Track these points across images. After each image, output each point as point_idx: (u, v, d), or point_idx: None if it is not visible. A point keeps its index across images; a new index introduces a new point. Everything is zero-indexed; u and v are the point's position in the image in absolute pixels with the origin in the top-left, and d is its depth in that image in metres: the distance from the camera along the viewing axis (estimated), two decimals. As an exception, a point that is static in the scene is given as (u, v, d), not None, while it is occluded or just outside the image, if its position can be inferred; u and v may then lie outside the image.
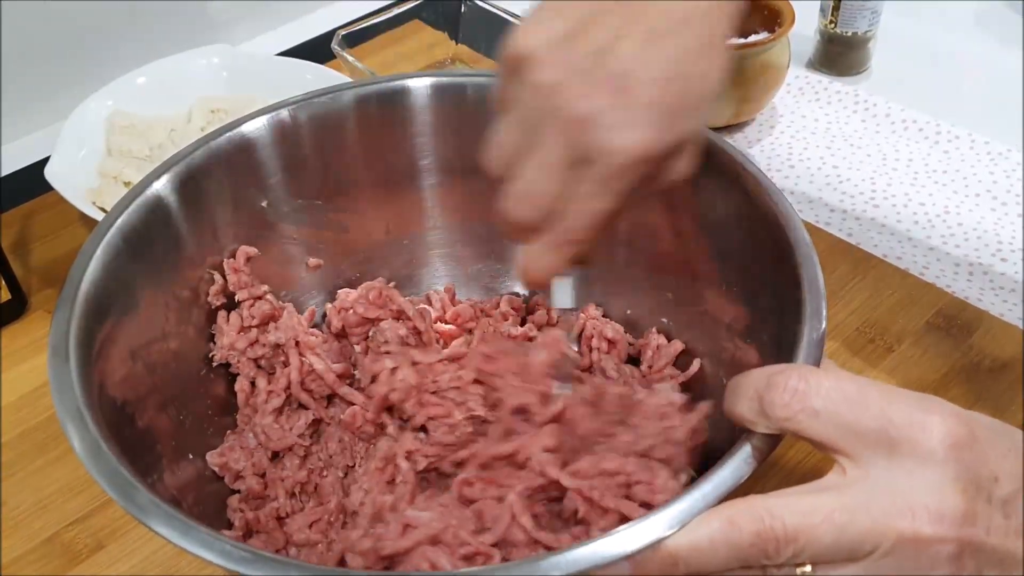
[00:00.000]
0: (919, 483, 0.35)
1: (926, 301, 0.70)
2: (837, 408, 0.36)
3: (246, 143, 0.57)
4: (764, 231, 0.49)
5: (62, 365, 0.43)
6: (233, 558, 0.37)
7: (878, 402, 0.36)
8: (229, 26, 1.02)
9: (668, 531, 0.36)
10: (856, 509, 0.35)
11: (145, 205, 0.52)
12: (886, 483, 0.36)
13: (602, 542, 0.36)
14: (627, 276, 0.61)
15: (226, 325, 0.56)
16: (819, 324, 0.44)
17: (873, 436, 0.36)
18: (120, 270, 0.49)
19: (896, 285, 0.72)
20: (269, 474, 0.55)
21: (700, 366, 0.57)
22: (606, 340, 0.60)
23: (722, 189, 0.53)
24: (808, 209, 0.80)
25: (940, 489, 0.35)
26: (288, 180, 0.59)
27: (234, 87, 0.86)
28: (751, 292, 0.52)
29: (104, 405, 0.44)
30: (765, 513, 0.36)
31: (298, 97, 0.58)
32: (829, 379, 0.37)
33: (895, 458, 0.36)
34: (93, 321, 0.46)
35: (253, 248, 0.58)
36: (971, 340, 0.67)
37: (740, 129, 0.88)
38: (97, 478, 0.39)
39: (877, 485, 0.36)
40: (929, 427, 0.36)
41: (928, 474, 0.35)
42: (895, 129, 0.88)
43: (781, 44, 0.84)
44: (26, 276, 0.75)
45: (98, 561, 0.57)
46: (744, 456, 0.38)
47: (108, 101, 0.82)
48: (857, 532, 0.35)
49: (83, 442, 0.40)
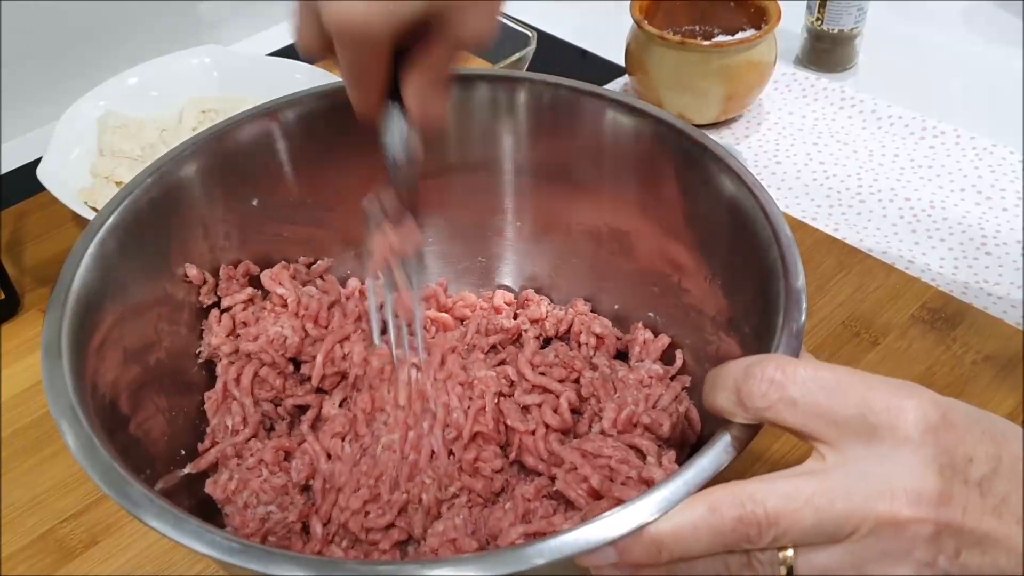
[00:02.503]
0: (896, 466, 0.36)
1: (911, 295, 0.71)
2: (815, 397, 0.37)
3: (236, 143, 0.57)
4: (746, 224, 0.50)
5: (55, 363, 0.43)
6: (224, 549, 0.37)
7: (855, 389, 0.37)
8: (220, 26, 1.02)
9: (651, 517, 0.37)
10: (835, 492, 0.36)
11: (135, 205, 0.52)
12: (864, 467, 0.36)
13: (585, 528, 0.37)
14: (614, 271, 0.61)
15: (217, 325, 0.57)
16: (798, 315, 0.44)
17: (851, 423, 0.37)
18: (111, 269, 0.49)
19: (881, 279, 0.72)
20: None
21: (684, 360, 0.58)
22: (594, 335, 0.61)
23: (705, 183, 0.53)
24: (795, 204, 0.81)
25: (917, 471, 0.36)
26: (279, 178, 0.59)
27: (225, 87, 0.87)
28: (734, 285, 0.53)
29: (97, 402, 0.45)
30: (747, 498, 0.36)
31: (287, 97, 0.58)
32: (806, 368, 0.38)
33: (873, 443, 0.36)
34: (85, 320, 0.47)
35: (257, 267, 0.59)
36: (955, 333, 0.68)
37: (727, 126, 0.89)
38: (91, 474, 0.40)
39: (856, 469, 0.36)
40: (905, 411, 0.36)
41: (905, 457, 0.36)
42: (881, 125, 0.89)
43: (767, 41, 0.85)
44: (19, 276, 0.75)
45: (92, 557, 0.57)
46: (724, 444, 0.39)
47: (100, 101, 0.83)
48: (837, 514, 0.36)
49: (76, 439, 0.41)
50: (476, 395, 0.55)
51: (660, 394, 0.55)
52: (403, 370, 0.56)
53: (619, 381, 0.56)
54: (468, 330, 0.61)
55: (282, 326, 0.56)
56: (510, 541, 0.48)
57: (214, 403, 0.55)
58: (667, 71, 0.84)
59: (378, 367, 0.56)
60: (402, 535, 0.52)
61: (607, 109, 0.57)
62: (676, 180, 0.56)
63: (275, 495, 0.51)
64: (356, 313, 0.59)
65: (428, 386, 0.56)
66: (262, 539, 0.50)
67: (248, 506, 0.50)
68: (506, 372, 0.57)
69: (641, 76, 0.87)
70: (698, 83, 0.84)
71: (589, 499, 0.49)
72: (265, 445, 0.53)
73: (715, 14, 0.90)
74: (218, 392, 0.56)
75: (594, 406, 0.56)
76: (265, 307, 0.58)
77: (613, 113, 0.57)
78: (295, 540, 0.51)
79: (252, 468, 0.52)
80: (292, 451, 0.54)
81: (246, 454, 0.53)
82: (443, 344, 0.58)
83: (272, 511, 0.50)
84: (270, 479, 0.51)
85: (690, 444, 0.55)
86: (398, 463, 0.53)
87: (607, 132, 0.58)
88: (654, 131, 0.56)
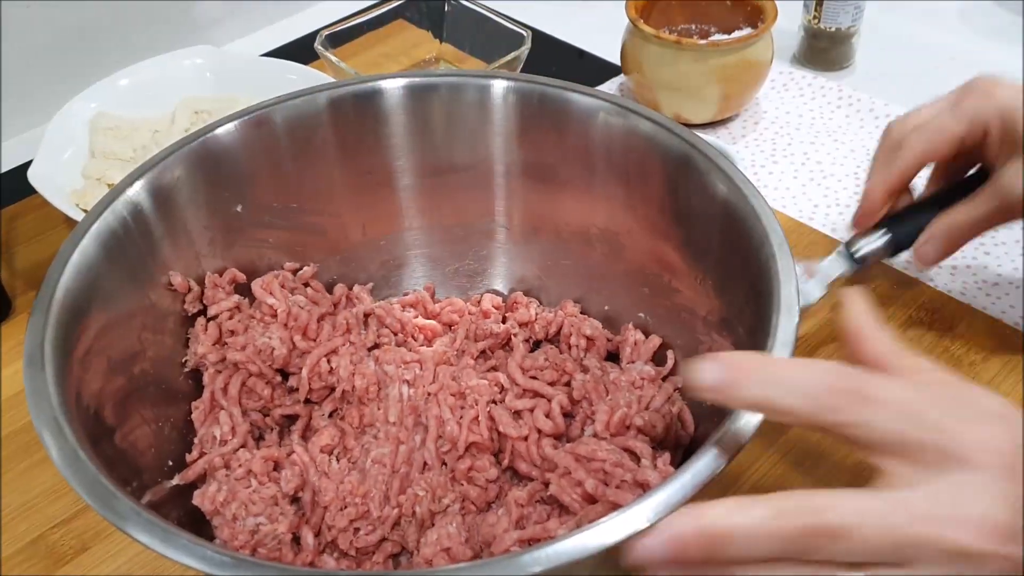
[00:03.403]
0: (968, 496, 0.36)
1: (909, 295, 0.71)
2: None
3: (220, 147, 0.56)
4: (738, 224, 0.50)
5: (38, 373, 0.43)
6: (215, 563, 0.37)
7: (933, 412, 0.37)
8: (213, 27, 1.02)
9: (648, 522, 0.36)
10: (904, 514, 0.35)
11: (120, 210, 0.52)
12: (936, 492, 0.36)
13: (583, 535, 0.36)
14: (605, 272, 0.61)
15: (203, 334, 0.56)
16: (793, 316, 0.44)
17: (928, 448, 0.36)
18: (96, 276, 0.49)
19: (879, 280, 0.72)
20: None
21: (676, 361, 0.57)
22: (585, 337, 0.60)
23: (695, 184, 0.53)
24: (792, 204, 0.81)
25: (988, 503, 0.35)
26: (263, 183, 0.59)
27: (218, 88, 0.86)
28: (726, 285, 0.52)
29: (81, 413, 0.44)
30: (814, 507, 0.35)
31: (272, 100, 0.58)
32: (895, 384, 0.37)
33: (945, 469, 0.36)
34: (69, 327, 0.46)
35: (243, 275, 0.59)
36: (954, 333, 0.68)
37: (724, 125, 0.89)
38: (75, 486, 0.39)
39: (927, 494, 0.36)
40: (980, 439, 0.36)
41: (977, 487, 0.36)
42: (879, 124, 0.88)
43: (764, 40, 0.84)
44: (11, 279, 0.75)
45: (83, 563, 0.57)
46: (721, 446, 0.39)
47: (92, 103, 0.83)
48: (903, 537, 0.35)
49: (60, 451, 0.40)
50: (468, 404, 0.55)
51: (652, 395, 0.54)
52: (393, 387, 0.56)
53: (611, 383, 0.56)
54: (457, 336, 0.61)
55: (270, 336, 0.56)
56: (504, 548, 0.48)
57: (202, 413, 0.55)
58: (663, 70, 0.84)
59: (363, 386, 0.56)
60: (395, 548, 0.52)
61: (597, 110, 0.57)
62: (666, 180, 0.55)
63: (264, 506, 0.50)
64: (346, 325, 0.58)
65: (420, 401, 0.55)
66: (252, 551, 0.49)
67: (237, 517, 0.50)
68: (497, 379, 0.57)
69: (637, 76, 0.86)
70: (694, 82, 0.83)
71: (584, 503, 0.49)
72: (254, 455, 0.53)
73: (711, 13, 0.89)
74: (205, 402, 0.55)
75: (586, 409, 0.56)
76: (254, 316, 0.58)
77: (603, 114, 0.57)
78: (286, 551, 0.50)
79: (241, 479, 0.52)
80: (281, 461, 0.54)
81: (235, 464, 0.52)
82: (432, 356, 0.58)
83: (262, 522, 0.50)
84: (259, 490, 0.51)
85: (683, 446, 0.54)
86: (388, 477, 0.53)
87: (597, 133, 0.57)
88: (644, 131, 0.55)
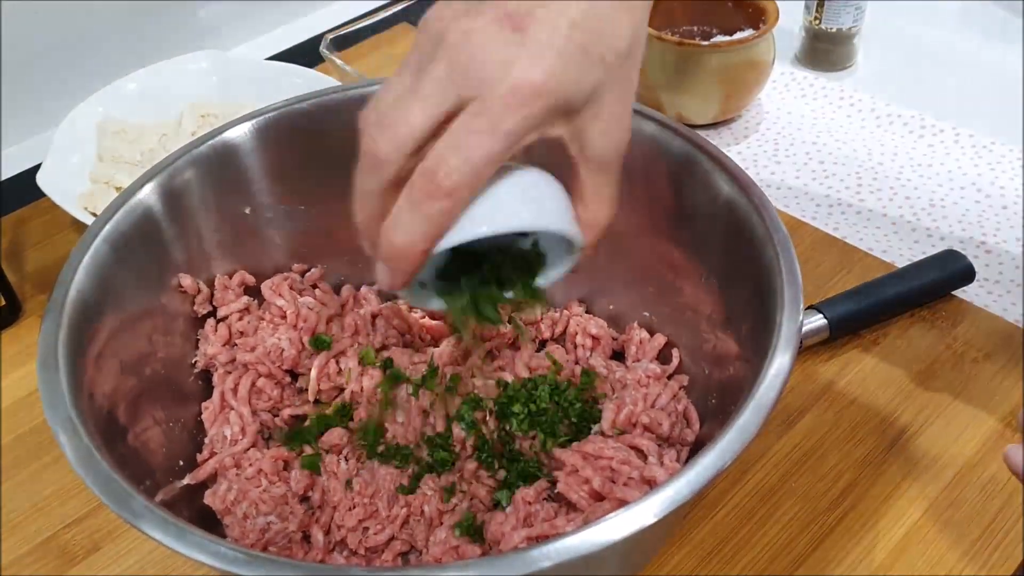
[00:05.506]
0: None
1: (911, 294, 0.71)
2: None
3: (228, 150, 0.57)
4: (741, 224, 0.50)
5: (52, 375, 0.43)
6: (228, 559, 0.37)
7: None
8: (219, 31, 1.02)
9: (655, 518, 0.37)
10: None
11: (130, 213, 0.52)
12: None
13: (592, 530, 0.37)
14: (609, 271, 0.61)
15: (213, 335, 0.57)
16: (796, 314, 0.44)
17: None
18: (107, 278, 0.50)
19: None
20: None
21: (680, 359, 0.58)
22: (590, 336, 0.61)
23: (699, 183, 0.53)
24: (794, 204, 0.81)
25: None
26: (271, 186, 0.59)
27: (224, 92, 0.87)
28: (730, 284, 0.53)
29: (94, 413, 0.45)
30: None
31: (280, 103, 0.58)
32: None
33: None
34: (82, 330, 0.47)
35: (252, 277, 0.59)
36: (956, 331, 0.68)
37: (726, 126, 0.89)
38: (91, 485, 0.40)
39: None
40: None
41: None
42: (880, 124, 0.89)
43: (766, 41, 0.84)
44: (20, 282, 0.76)
45: (95, 562, 0.57)
46: (727, 442, 0.39)
47: (99, 107, 0.83)
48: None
49: (75, 451, 0.41)
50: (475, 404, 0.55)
51: (658, 393, 0.55)
52: (401, 387, 0.56)
53: (616, 381, 0.56)
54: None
55: (279, 338, 0.56)
56: (513, 545, 0.49)
57: (212, 413, 0.55)
58: (666, 71, 0.84)
59: (372, 387, 0.56)
60: (404, 546, 0.52)
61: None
62: (670, 181, 0.56)
63: (275, 505, 0.51)
64: (354, 327, 0.59)
65: (427, 401, 0.56)
66: (263, 549, 0.50)
67: (248, 516, 0.50)
68: (504, 378, 0.57)
69: (639, 77, 0.87)
70: (697, 83, 0.84)
71: (591, 501, 0.49)
72: (264, 455, 0.53)
73: (713, 14, 0.90)
74: (215, 402, 0.56)
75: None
76: (264, 317, 0.58)
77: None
78: (296, 549, 0.51)
79: (251, 478, 0.52)
80: (291, 461, 0.54)
81: (245, 464, 0.53)
82: (439, 356, 0.58)
83: (272, 521, 0.50)
84: (269, 489, 0.51)
85: (689, 443, 0.55)
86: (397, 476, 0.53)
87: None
88: (648, 132, 0.56)
